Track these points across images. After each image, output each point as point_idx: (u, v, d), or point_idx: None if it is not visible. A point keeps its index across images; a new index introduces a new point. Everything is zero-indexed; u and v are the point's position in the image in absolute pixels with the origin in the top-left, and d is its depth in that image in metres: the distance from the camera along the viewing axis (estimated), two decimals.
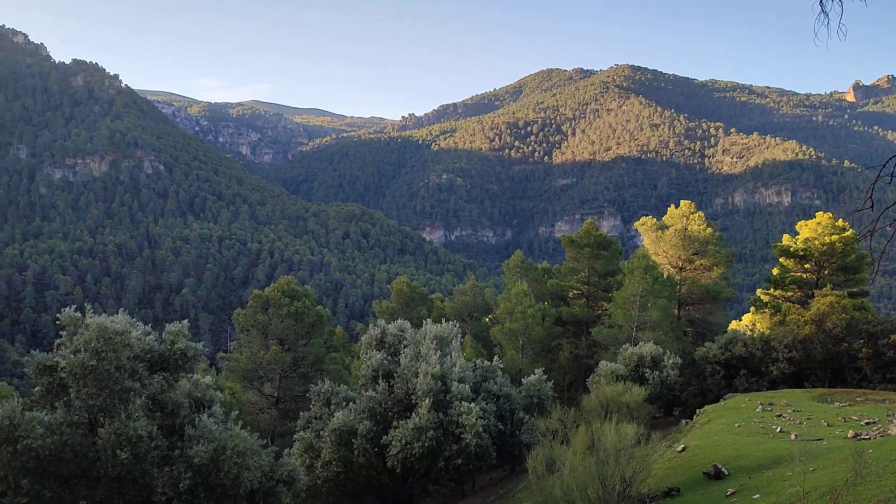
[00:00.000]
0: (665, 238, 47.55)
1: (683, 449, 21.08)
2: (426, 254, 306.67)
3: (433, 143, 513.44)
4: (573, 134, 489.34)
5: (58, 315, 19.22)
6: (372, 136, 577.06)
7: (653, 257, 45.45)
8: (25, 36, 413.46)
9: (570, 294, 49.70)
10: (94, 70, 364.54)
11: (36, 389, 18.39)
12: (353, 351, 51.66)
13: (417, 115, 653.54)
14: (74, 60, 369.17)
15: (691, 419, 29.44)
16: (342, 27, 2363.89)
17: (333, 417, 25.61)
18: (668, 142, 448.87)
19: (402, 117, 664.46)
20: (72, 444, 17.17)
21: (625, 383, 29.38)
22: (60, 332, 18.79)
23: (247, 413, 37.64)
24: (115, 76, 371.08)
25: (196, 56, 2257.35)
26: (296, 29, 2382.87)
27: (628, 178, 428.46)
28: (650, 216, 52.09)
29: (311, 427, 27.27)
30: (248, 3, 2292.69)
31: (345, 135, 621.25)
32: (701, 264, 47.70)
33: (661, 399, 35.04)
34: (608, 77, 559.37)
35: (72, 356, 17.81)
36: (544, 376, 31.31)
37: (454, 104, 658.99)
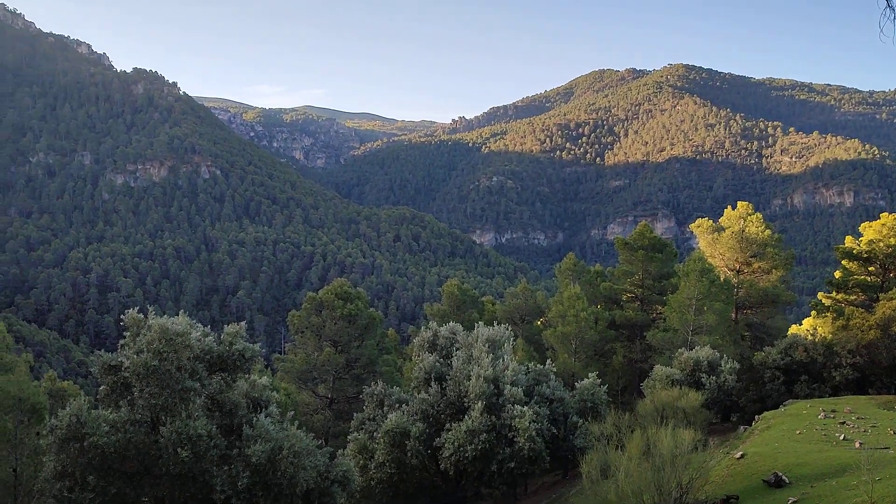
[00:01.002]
0: (722, 240, 46.54)
1: (742, 456, 20.63)
2: (477, 256, 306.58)
3: (483, 146, 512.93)
4: (626, 135, 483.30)
5: (121, 316, 19.83)
6: (422, 139, 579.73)
7: (709, 260, 44.57)
8: (89, 46, 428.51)
9: (624, 297, 49.09)
10: (153, 78, 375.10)
11: (101, 388, 19.01)
12: (404, 353, 51.94)
13: (468, 117, 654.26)
14: (135, 69, 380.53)
15: (750, 425, 28.80)
16: (393, 31, 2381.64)
17: (387, 419, 25.80)
18: (724, 142, 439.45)
19: (453, 120, 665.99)
20: (135, 441, 17.70)
21: (680, 388, 28.89)
22: (124, 333, 19.37)
23: (301, 414, 38.16)
24: (174, 84, 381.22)
25: (251, 63, 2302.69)
26: (347, 34, 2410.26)
27: (683, 179, 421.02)
28: (706, 218, 51.07)
29: (365, 428, 27.53)
30: (302, 10, 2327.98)
31: (396, 138, 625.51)
32: (759, 267, 46.54)
33: (718, 405, 34.37)
34: (662, 77, 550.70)
35: (135, 356, 18.36)
36: (598, 380, 31.00)
37: (504, 106, 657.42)
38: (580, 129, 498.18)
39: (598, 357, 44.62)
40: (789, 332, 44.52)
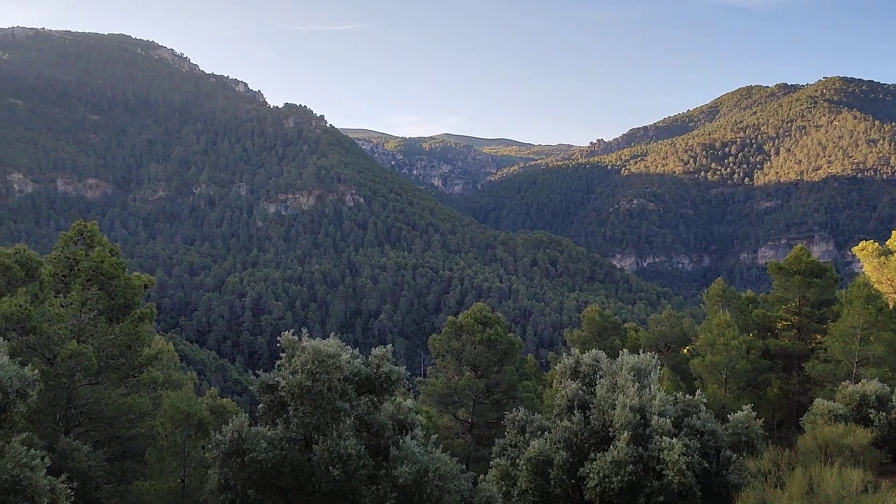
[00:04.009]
0: (890, 264, 42.92)
1: None
2: (617, 281, 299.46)
3: (623, 168, 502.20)
4: (776, 153, 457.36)
5: (277, 338, 20.91)
6: (559, 163, 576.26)
7: (875, 285, 41.21)
8: (245, 85, 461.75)
9: (779, 325, 46.13)
10: (302, 112, 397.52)
11: (260, 406, 20.08)
12: (544, 379, 51.37)
13: (606, 139, 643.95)
14: (286, 104, 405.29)
15: None
16: (529, 57, 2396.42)
17: (529, 446, 25.53)
18: (889, 158, 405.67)
19: (591, 143, 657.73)
20: (290, 458, 18.55)
21: (846, 424, 26.75)
22: (280, 354, 20.41)
23: (443, 437, 38.56)
24: (321, 117, 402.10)
25: (392, 95, 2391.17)
26: (484, 62, 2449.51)
27: (842, 199, 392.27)
28: (870, 240, 47.37)
29: (507, 455, 27.36)
30: (438, 43, 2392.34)
31: (532, 163, 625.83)
32: None
33: (890, 443, 31.43)
34: (816, 91, 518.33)
35: (290, 376, 19.29)
36: (753, 413, 29.27)
37: (644, 127, 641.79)
38: (727, 149, 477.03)
39: (750, 388, 42.12)
40: None
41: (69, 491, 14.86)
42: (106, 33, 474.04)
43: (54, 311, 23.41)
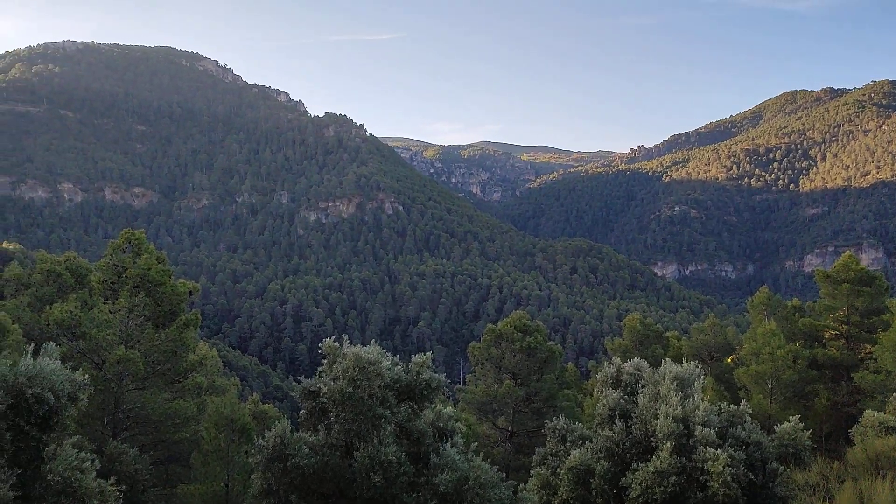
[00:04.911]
0: None
1: None
2: (658, 290, 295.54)
3: (664, 175, 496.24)
4: (823, 159, 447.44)
5: (319, 345, 21.10)
6: (599, 169, 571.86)
7: None
8: (287, 95, 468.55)
9: (826, 335, 45.07)
10: (343, 121, 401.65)
11: (301, 412, 20.28)
12: (584, 388, 50.91)
13: (647, 146, 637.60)
14: (327, 114, 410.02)
15: None
16: (568, 63, 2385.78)
17: (570, 455, 25.31)
18: None
19: (631, 149, 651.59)
20: (331, 464, 18.68)
21: None
22: (321, 360, 20.59)
23: (482, 445, 38.43)
24: (361, 126, 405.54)
25: (430, 104, 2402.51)
26: (522, 69, 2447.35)
27: (892, 205, 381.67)
28: None
29: (547, 464, 27.15)
30: (477, 51, 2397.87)
31: (572, 170, 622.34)
32: None
33: None
34: (864, 95, 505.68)
35: (331, 383, 19.44)
36: (800, 424, 28.59)
37: (686, 133, 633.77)
38: (771, 155, 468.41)
39: (797, 399, 41.18)
40: None
41: (118, 494, 15.16)
42: (152, 46, 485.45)
43: (103, 318, 23.98)
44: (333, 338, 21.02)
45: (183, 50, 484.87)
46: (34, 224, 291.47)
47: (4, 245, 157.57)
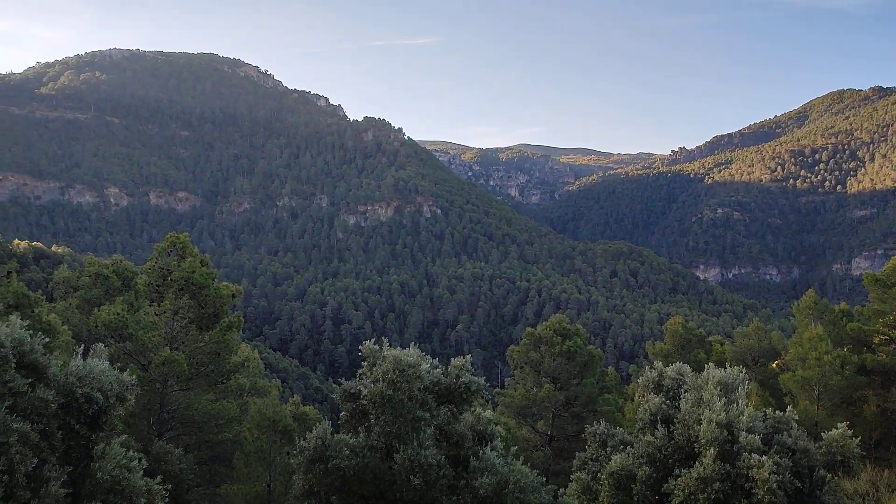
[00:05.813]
0: None
1: None
2: (700, 293, 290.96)
3: (706, 177, 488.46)
4: (871, 160, 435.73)
5: (359, 347, 21.25)
6: (640, 172, 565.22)
7: None
8: (326, 99, 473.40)
9: (876, 340, 43.88)
10: (381, 125, 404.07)
11: (342, 414, 20.44)
12: (625, 393, 50.39)
13: (688, 147, 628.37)
14: (365, 118, 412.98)
15: None
16: (608, 65, 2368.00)
17: (610, 460, 25.06)
18: None
19: (672, 151, 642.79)
20: (372, 466, 18.79)
21: None
22: (361, 363, 20.72)
23: (522, 449, 38.30)
24: (399, 129, 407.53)
25: (468, 107, 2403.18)
26: (560, 70, 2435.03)
27: None
28: None
29: (588, 468, 26.91)
30: (514, 54, 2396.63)
31: (611, 172, 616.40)
32: None
33: None
34: None
35: (371, 385, 19.56)
36: (849, 431, 27.89)
37: (729, 134, 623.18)
38: (817, 155, 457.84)
39: (845, 405, 40.16)
40: None
41: (164, 492, 15.46)
42: (195, 53, 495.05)
43: (149, 320, 24.49)
44: (373, 340, 21.13)
45: (225, 56, 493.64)
46: (82, 228, 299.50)
47: (54, 248, 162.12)
